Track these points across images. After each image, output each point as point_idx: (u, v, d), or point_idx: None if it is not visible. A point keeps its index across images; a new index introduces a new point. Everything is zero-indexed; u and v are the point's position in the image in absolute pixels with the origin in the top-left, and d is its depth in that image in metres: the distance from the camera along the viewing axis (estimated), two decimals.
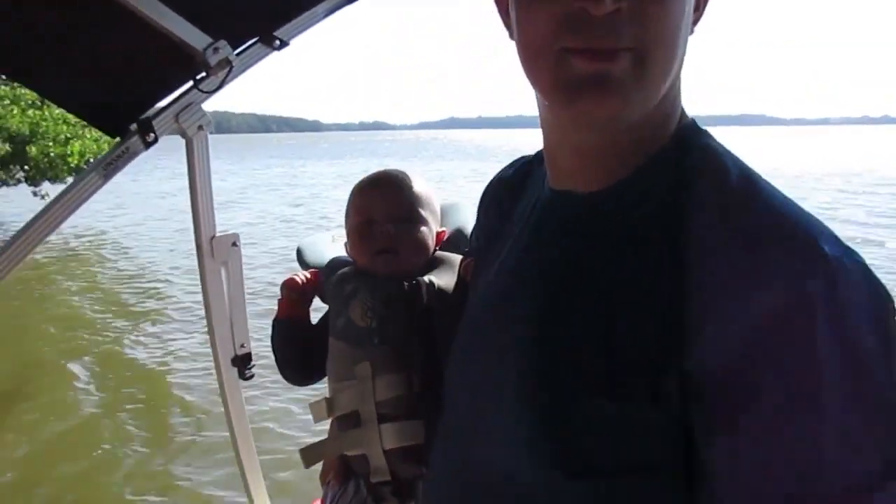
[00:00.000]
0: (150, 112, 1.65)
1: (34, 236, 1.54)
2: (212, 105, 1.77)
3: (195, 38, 1.53)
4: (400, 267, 1.19)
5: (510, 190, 0.93)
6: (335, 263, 1.30)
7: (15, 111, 15.25)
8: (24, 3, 1.38)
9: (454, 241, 1.29)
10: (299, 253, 1.44)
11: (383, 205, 1.22)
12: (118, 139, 1.64)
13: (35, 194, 16.61)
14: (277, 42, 1.69)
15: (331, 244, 1.45)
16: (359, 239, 1.22)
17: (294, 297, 1.30)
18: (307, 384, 1.35)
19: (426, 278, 1.18)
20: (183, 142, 1.73)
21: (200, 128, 1.70)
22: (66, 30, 1.47)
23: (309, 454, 1.20)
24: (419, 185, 1.28)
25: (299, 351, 1.30)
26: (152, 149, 1.65)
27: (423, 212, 1.25)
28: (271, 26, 1.68)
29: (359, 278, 1.20)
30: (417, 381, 1.11)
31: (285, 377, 1.33)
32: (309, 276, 1.31)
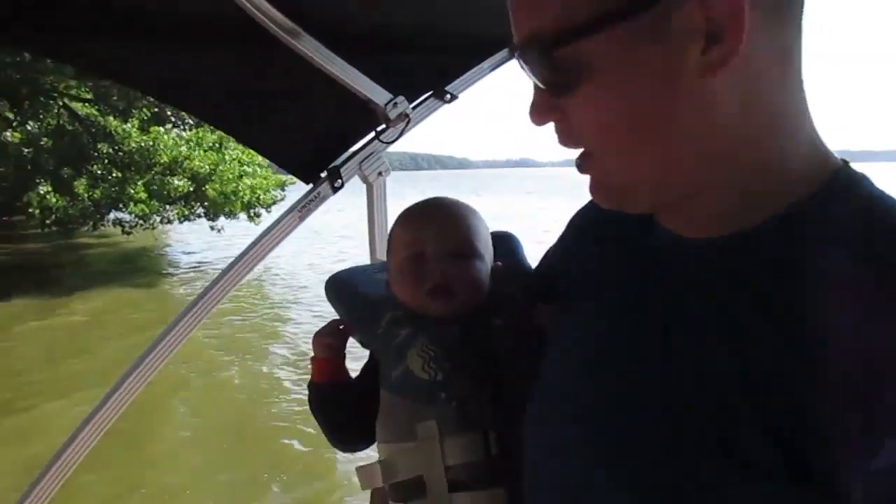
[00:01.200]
0: (338, 161, 1.87)
1: (242, 269, 1.80)
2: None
3: (378, 94, 1.74)
4: (455, 309, 1.07)
5: (612, 224, 0.82)
6: (374, 301, 1.16)
7: (198, 153, 17.00)
8: (239, 71, 1.65)
9: (503, 275, 1.14)
10: (332, 286, 1.26)
11: (437, 238, 1.09)
12: (311, 185, 1.86)
13: (212, 228, 18.37)
14: (448, 96, 1.87)
15: (363, 277, 1.29)
16: (408, 276, 1.09)
17: (331, 355, 1.15)
18: (363, 448, 1.17)
19: (496, 322, 1.07)
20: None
21: (380, 174, 1.90)
22: (272, 93, 1.73)
23: None
24: (474, 216, 1.15)
25: (350, 415, 1.12)
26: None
27: (479, 246, 1.12)
28: (443, 82, 1.86)
29: (413, 322, 1.07)
30: (494, 442, 0.99)
31: (336, 445, 1.18)
32: (341, 327, 1.17)
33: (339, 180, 1.84)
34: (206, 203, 17.59)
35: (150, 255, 19.31)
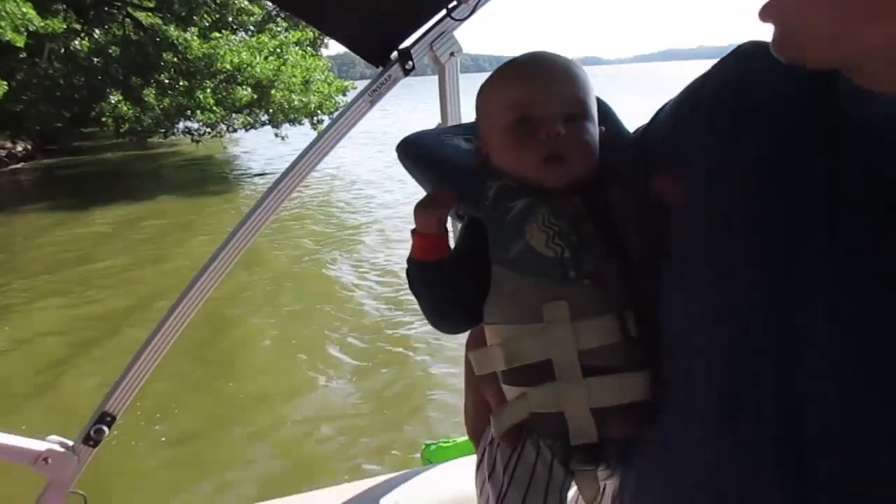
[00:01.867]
0: (408, 42, 1.80)
1: (315, 156, 1.79)
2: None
3: None
4: (571, 178, 0.99)
5: (745, 91, 0.82)
6: (468, 168, 1.06)
7: (259, 59, 16.97)
8: None
9: (608, 142, 1.06)
10: (410, 150, 1.14)
11: (547, 98, 1.00)
12: (380, 68, 1.81)
13: (276, 136, 18.55)
14: None
15: (439, 142, 1.16)
16: (516, 143, 0.99)
17: (438, 229, 1.02)
18: (467, 329, 1.10)
19: (615, 193, 1.00)
20: None
21: (452, 54, 1.82)
22: None
23: (500, 421, 1.01)
24: (582, 71, 1.04)
25: (458, 295, 1.02)
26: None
27: (592, 106, 1.05)
28: None
29: (526, 193, 0.98)
30: (632, 323, 0.94)
31: (438, 327, 1.09)
32: (448, 195, 1.03)
33: (410, 62, 1.78)
34: (270, 110, 17.70)
35: (220, 163, 19.77)
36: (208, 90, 16.69)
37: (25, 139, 18.60)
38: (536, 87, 1.01)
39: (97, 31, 16.94)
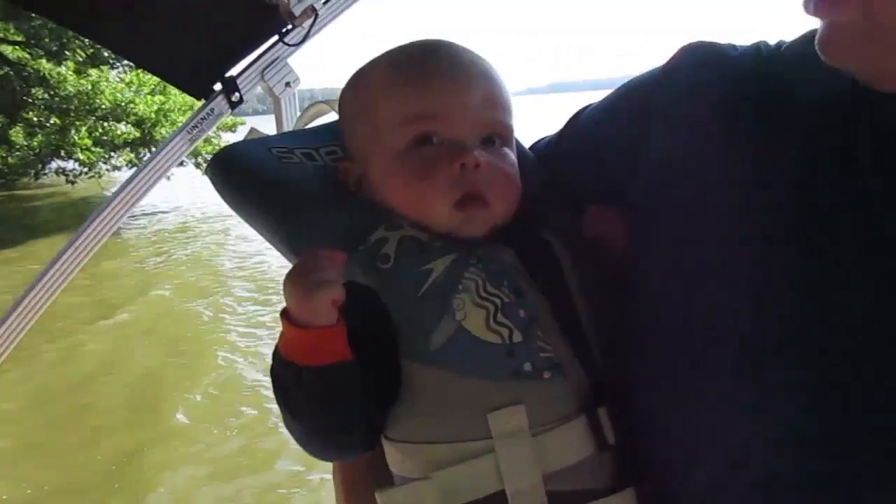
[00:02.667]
0: (235, 71, 1.57)
1: (130, 197, 1.53)
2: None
3: None
4: (493, 224, 0.76)
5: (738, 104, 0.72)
6: (340, 205, 0.77)
7: (143, 97, 16.18)
8: None
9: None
10: (227, 168, 0.85)
11: (465, 110, 0.75)
12: (203, 101, 1.57)
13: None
14: None
15: (275, 161, 0.82)
16: (416, 174, 0.73)
17: (329, 317, 0.68)
18: (365, 453, 0.78)
19: (550, 237, 0.77)
20: None
21: (288, 84, 1.61)
22: None
23: None
24: (496, 71, 0.81)
25: (360, 412, 0.72)
26: None
27: (512, 124, 0.81)
28: None
29: (446, 247, 0.73)
30: (608, 423, 0.72)
31: (323, 454, 0.82)
32: (337, 258, 0.69)
33: (237, 93, 1.55)
34: (154, 148, 16.89)
35: (97, 203, 18.63)
36: (83, 129, 15.73)
37: None
38: (447, 94, 0.75)
39: None
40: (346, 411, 0.71)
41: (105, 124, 16.02)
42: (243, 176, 0.84)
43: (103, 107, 15.89)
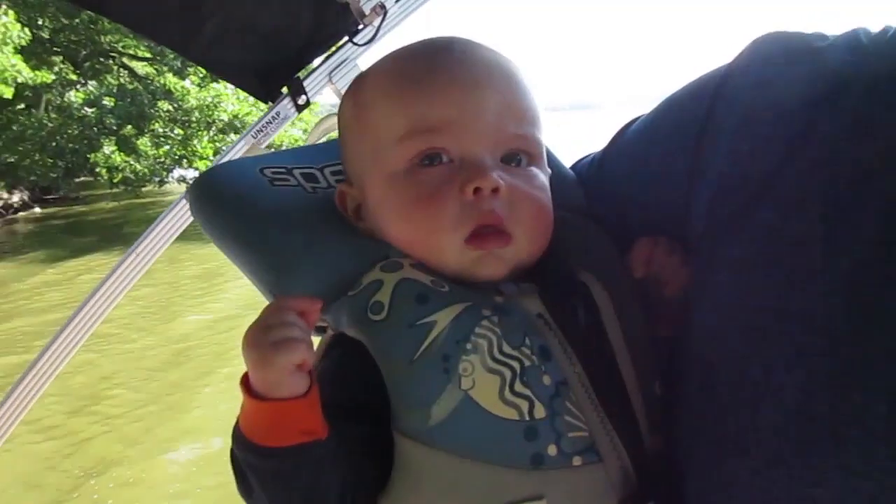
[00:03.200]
0: (302, 73, 1.51)
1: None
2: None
3: None
4: (515, 265, 0.62)
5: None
6: (329, 237, 0.65)
7: (257, 109, 16.91)
8: None
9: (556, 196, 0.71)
10: (209, 193, 0.73)
11: (480, 120, 0.61)
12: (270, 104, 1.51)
13: None
14: None
15: (262, 185, 0.71)
16: (419, 201, 0.61)
17: (297, 386, 0.55)
18: None
19: (588, 280, 0.63)
20: None
21: None
22: None
23: None
24: (522, 74, 0.67)
25: (331, 501, 0.58)
26: None
27: (542, 137, 0.66)
28: None
29: (453, 294, 0.60)
30: None
31: None
32: (311, 305, 0.57)
33: (304, 96, 1.48)
34: None
35: None
36: (204, 139, 16.60)
37: (22, 189, 18.52)
38: (458, 101, 0.61)
39: (92, 82, 16.97)
40: (318, 499, 0.56)
41: (224, 136, 16.83)
42: (223, 202, 0.70)
43: (222, 118, 16.70)
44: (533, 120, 0.65)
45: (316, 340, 0.66)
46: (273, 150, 1.26)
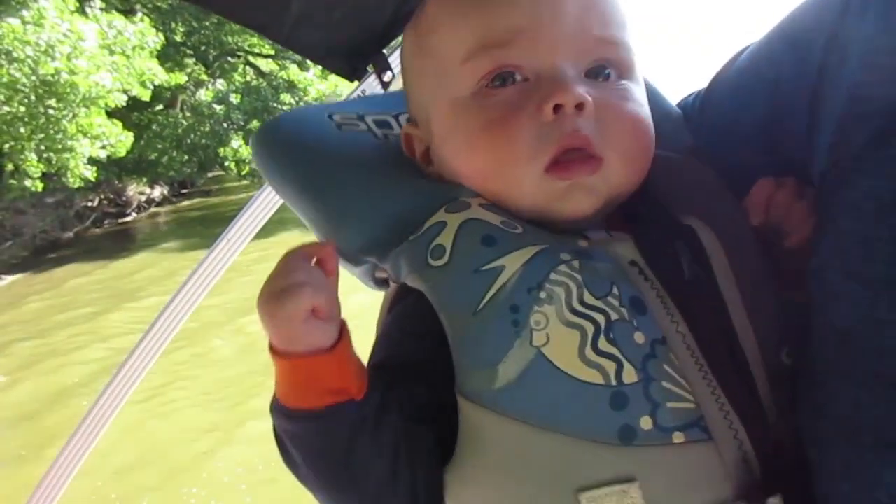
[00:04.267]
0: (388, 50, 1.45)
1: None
2: None
3: None
4: (607, 198, 0.54)
5: None
6: (395, 182, 0.59)
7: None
8: None
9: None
10: (271, 139, 0.68)
11: (556, 26, 0.53)
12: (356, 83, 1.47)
13: None
14: None
15: (328, 130, 0.66)
16: (491, 127, 0.53)
17: (320, 337, 0.50)
18: None
19: (694, 225, 0.53)
20: None
21: None
22: None
23: None
24: None
25: (383, 474, 0.51)
26: None
27: (634, 47, 0.58)
28: None
29: (527, 236, 0.52)
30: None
31: None
32: (318, 248, 0.51)
33: (389, 72, 1.42)
34: None
35: None
36: None
37: (161, 184, 19.95)
38: (528, 6, 0.53)
39: (220, 80, 17.94)
40: (366, 477, 0.49)
41: None
42: (286, 146, 0.66)
43: None
44: (622, 22, 0.55)
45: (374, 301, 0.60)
46: None
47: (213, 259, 1.46)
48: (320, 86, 17.16)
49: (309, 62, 17.89)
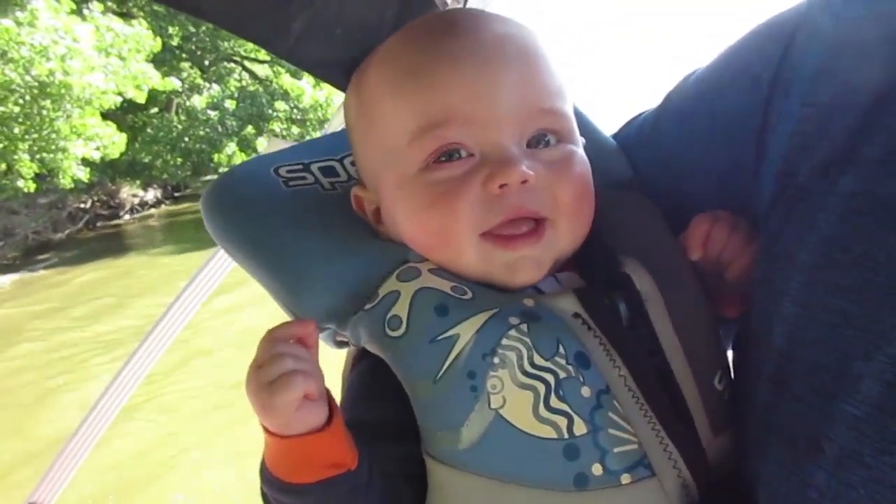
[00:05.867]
0: None
1: None
2: None
3: None
4: (555, 260, 0.57)
5: None
6: (343, 244, 0.60)
7: None
8: None
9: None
10: (221, 202, 0.67)
11: (500, 99, 0.55)
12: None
13: None
14: None
15: (271, 187, 0.66)
16: (438, 200, 0.55)
17: (314, 418, 0.52)
18: None
19: (640, 270, 0.56)
20: None
21: None
22: None
23: None
24: (543, 44, 0.60)
25: None
26: None
27: (571, 111, 0.60)
28: None
29: (477, 301, 0.55)
30: None
31: None
32: (299, 328, 0.53)
33: None
34: None
35: None
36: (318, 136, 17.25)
37: (155, 187, 19.90)
38: (469, 85, 0.55)
39: (216, 85, 17.94)
40: None
41: None
42: (235, 212, 0.66)
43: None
44: (559, 91, 0.58)
45: (339, 355, 0.63)
46: None
47: (213, 266, 1.49)
48: (317, 94, 17.18)
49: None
